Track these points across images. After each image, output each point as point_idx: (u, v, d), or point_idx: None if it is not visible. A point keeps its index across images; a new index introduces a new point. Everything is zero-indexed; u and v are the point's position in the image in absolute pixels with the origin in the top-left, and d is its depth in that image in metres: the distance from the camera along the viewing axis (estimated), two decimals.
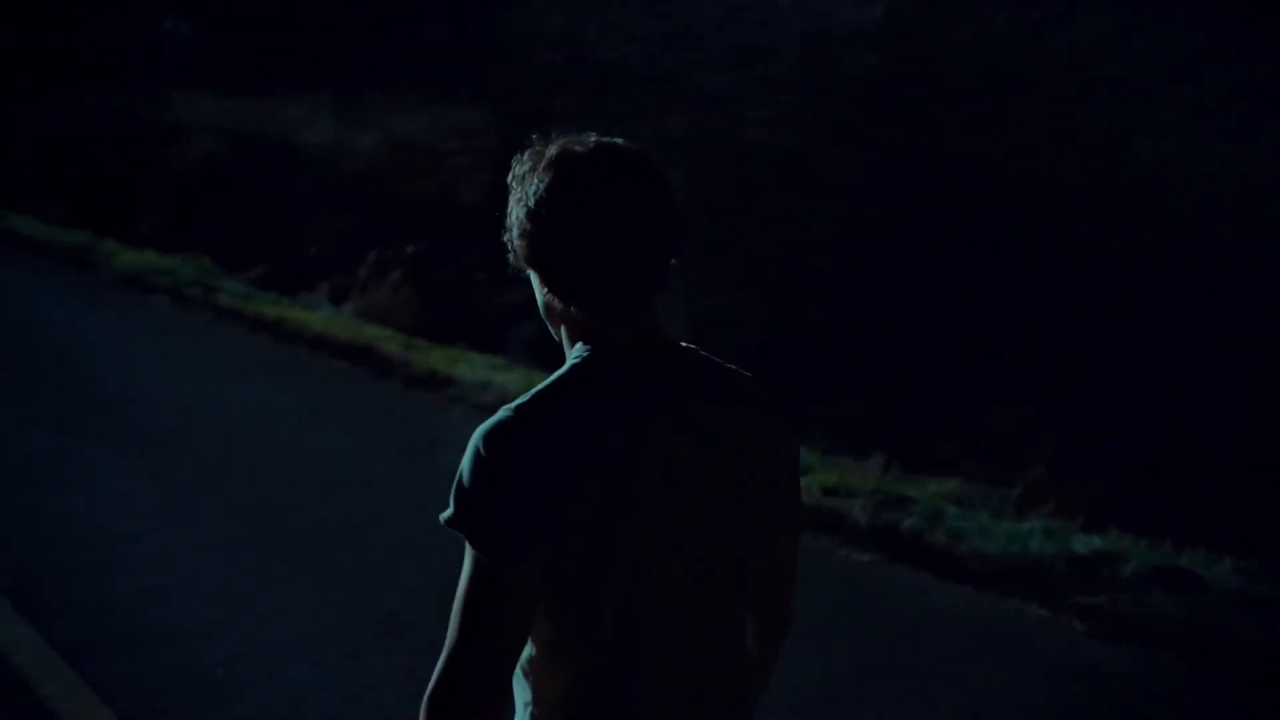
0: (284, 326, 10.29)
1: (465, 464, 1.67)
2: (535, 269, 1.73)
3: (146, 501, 6.17)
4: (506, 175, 1.79)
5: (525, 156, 1.76)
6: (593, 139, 1.73)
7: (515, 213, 1.73)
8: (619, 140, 1.75)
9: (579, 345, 1.74)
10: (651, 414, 1.70)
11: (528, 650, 1.72)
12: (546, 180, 1.69)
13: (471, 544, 1.64)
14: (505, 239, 1.76)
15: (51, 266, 13.60)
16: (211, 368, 9.20)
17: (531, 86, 16.74)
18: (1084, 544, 5.85)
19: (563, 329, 1.77)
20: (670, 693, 1.73)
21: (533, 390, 1.71)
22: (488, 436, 1.66)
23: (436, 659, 1.65)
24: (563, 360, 1.77)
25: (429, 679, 1.64)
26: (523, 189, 1.72)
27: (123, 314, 11.28)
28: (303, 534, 5.79)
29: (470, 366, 9.17)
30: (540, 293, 1.76)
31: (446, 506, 1.67)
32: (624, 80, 13.62)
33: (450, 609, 1.65)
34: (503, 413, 1.68)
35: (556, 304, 1.73)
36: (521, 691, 1.76)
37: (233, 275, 16.05)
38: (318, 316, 11.14)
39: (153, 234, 18.82)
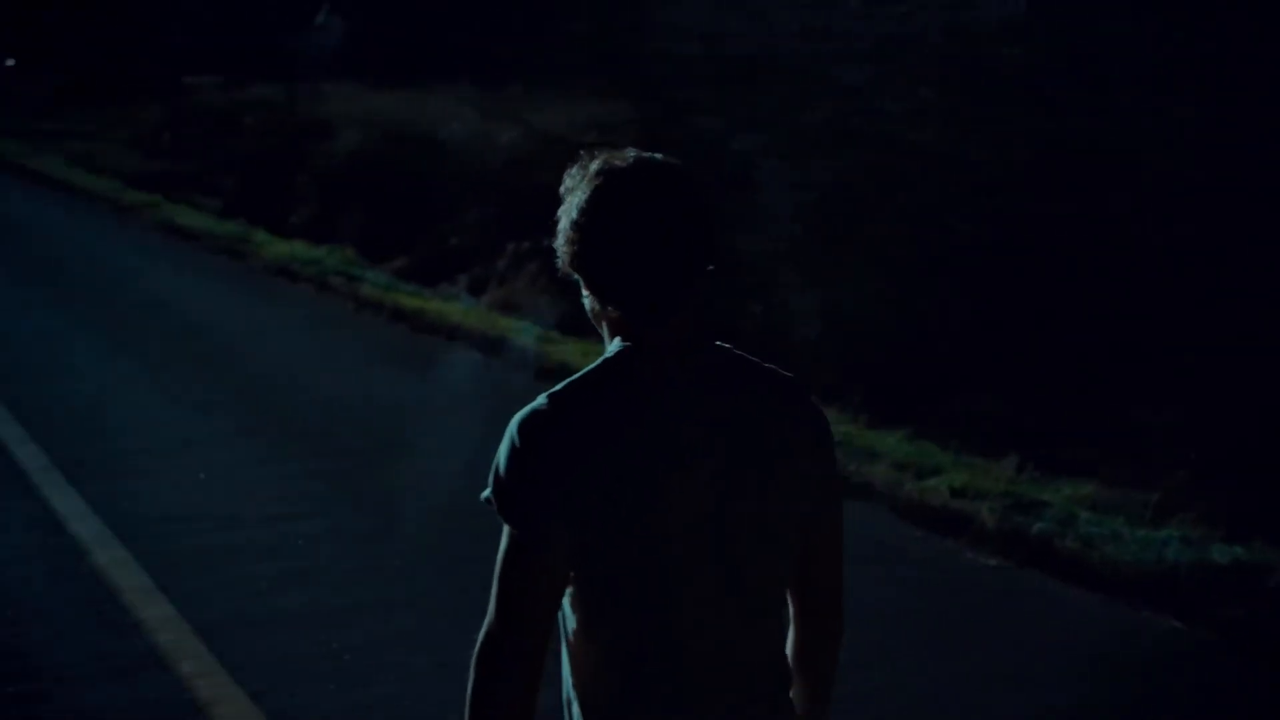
0: (423, 317, 10.51)
1: (501, 449, 1.82)
2: (579, 274, 1.85)
3: (288, 487, 6.36)
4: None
5: (575, 170, 1.87)
6: (633, 154, 1.85)
7: (562, 222, 1.85)
8: (658, 156, 1.88)
9: (615, 341, 1.85)
10: (676, 407, 1.80)
11: (571, 622, 1.84)
12: (589, 193, 1.81)
13: (505, 521, 1.80)
14: (554, 245, 1.88)
15: (206, 256, 14.08)
16: (352, 357, 9.44)
17: (671, 79, 16.78)
18: (1225, 554, 5.66)
19: (604, 326, 1.89)
20: (694, 674, 1.81)
21: (568, 380, 1.84)
22: (522, 425, 1.81)
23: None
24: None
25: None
26: (570, 201, 1.84)
27: (270, 303, 11.63)
28: (435, 522, 5.91)
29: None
30: (584, 294, 1.88)
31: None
32: (763, 72, 13.56)
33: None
34: (538, 401, 1.81)
35: (597, 305, 1.86)
36: (566, 660, 1.88)
37: (376, 266, 16.44)
38: (455, 308, 11.34)
39: (302, 225, 19.36)
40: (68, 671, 4.46)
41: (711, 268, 1.83)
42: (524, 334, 10.08)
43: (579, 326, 12.08)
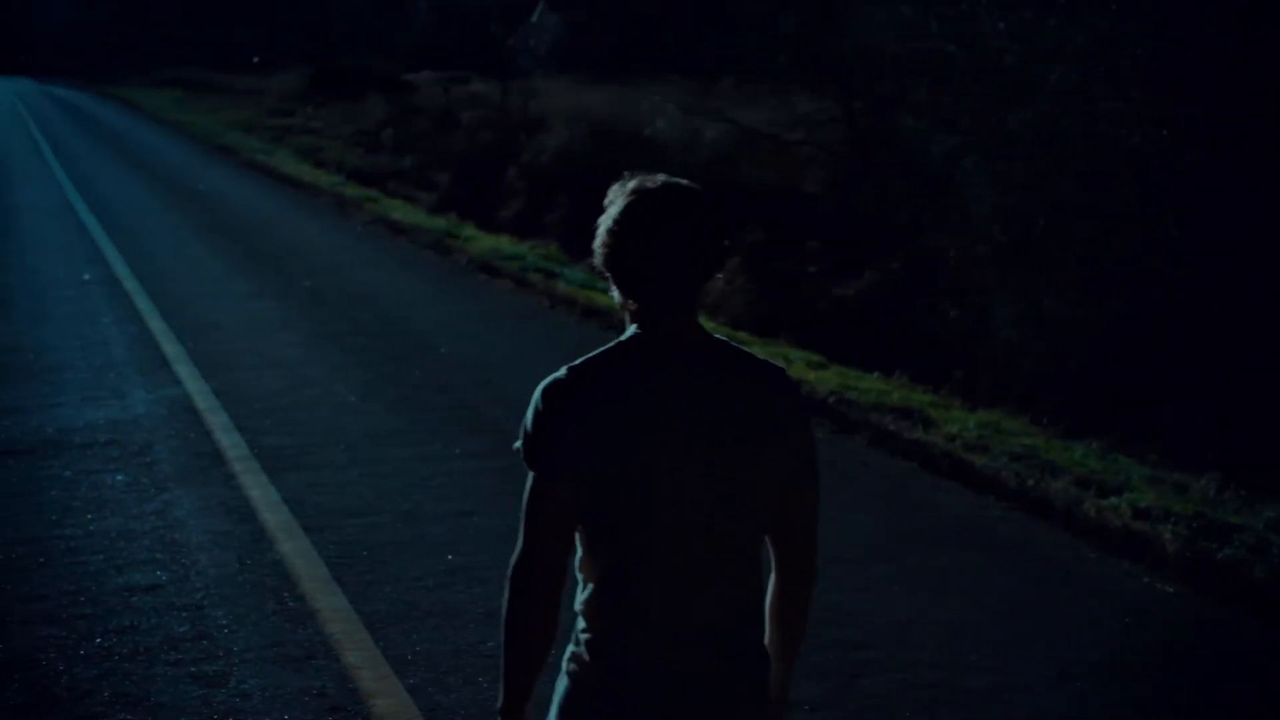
0: (612, 315, 10.65)
1: (530, 409, 2.26)
2: (609, 271, 2.25)
3: (468, 484, 6.58)
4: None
5: (617, 185, 2.27)
6: (661, 179, 2.25)
7: (600, 228, 2.25)
8: (683, 181, 2.26)
9: (633, 328, 2.27)
10: (674, 387, 2.21)
11: (579, 551, 2.28)
12: (622, 208, 2.22)
13: (527, 465, 2.27)
14: (593, 247, 2.27)
15: (414, 250, 14.57)
16: (541, 354, 9.65)
17: (879, 78, 16.55)
18: None
19: (626, 315, 2.29)
20: (669, 608, 2.22)
21: (587, 356, 2.26)
22: (545, 391, 2.25)
23: None
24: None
25: None
26: (609, 211, 2.24)
27: (470, 298, 11.98)
28: None
29: (785, 364, 9.22)
30: (612, 288, 2.27)
31: None
32: (970, 72, 13.26)
33: None
34: (560, 372, 2.25)
35: (621, 298, 2.26)
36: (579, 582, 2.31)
37: (577, 262, 16.74)
38: None
39: (510, 220, 19.85)
40: (245, 655, 4.73)
41: (720, 275, 2.21)
42: None
43: (767, 326, 12.07)
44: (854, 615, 5.13)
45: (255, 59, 44.30)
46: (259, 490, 6.41)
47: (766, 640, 2.37)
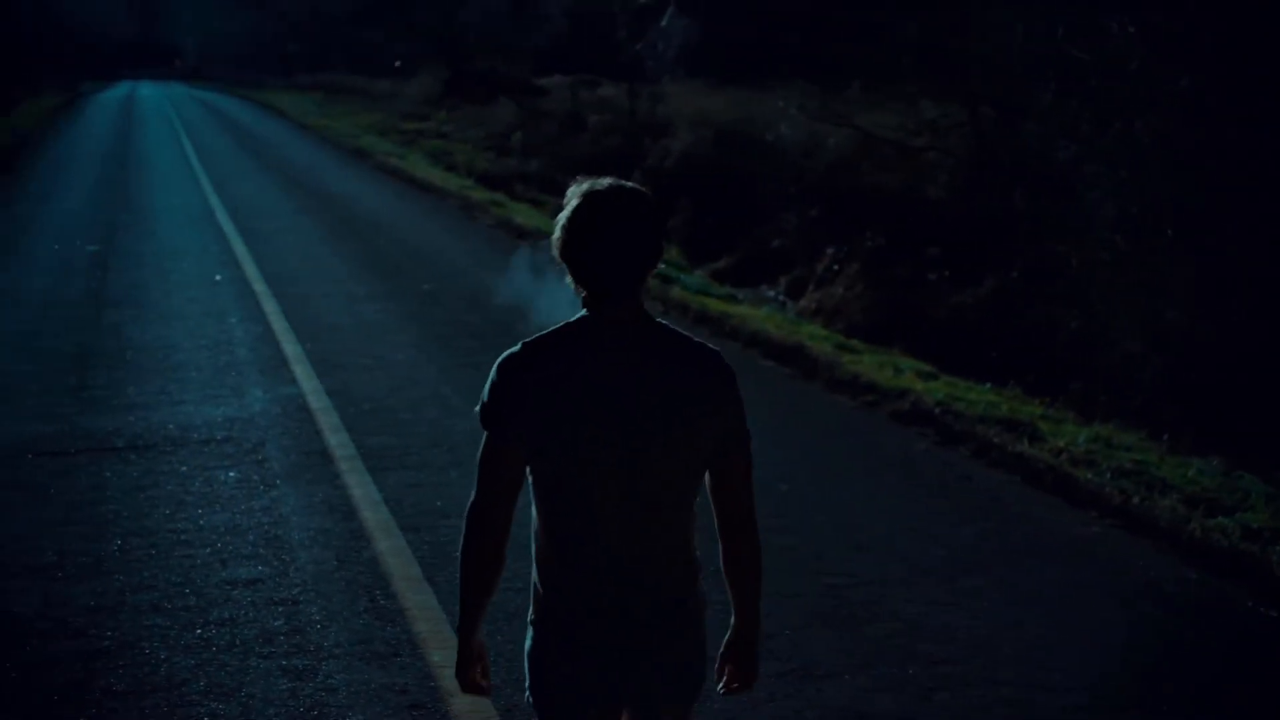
0: (724, 323, 10.69)
1: (489, 378, 2.63)
2: (564, 262, 2.59)
3: None
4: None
5: (574, 186, 2.60)
6: (608, 182, 2.58)
7: (558, 222, 2.58)
8: (628, 183, 2.60)
9: (583, 311, 2.60)
10: (615, 363, 2.55)
11: (534, 504, 2.65)
12: (575, 206, 2.56)
13: (482, 426, 2.64)
14: (551, 239, 2.61)
15: (533, 255, 14.74)
16: None
17: (1005, 83, 16.28)
18: None
19: (580, 300, 2.61)
20: (608, 551, 2.59)
21: (541, 333, 2.59)
22: (500, 364, 2.63)
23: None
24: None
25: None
26: (566, 208, 2.58)
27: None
28: (701, 526, 6.07)
29: (894, 374, 9.15)
30: (566, 277, 2.60)
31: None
32: (1095, 79, 12.98)
33: None
34: (516, 347, 2.61)
35: (574, 284, 2.60)
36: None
37: (699, 266, 16.79)
38: (757, 314, 11.46)
39: None
40: (335, 651, 4.88)
41: (662, 266, 2.47)
42: (821, 344, 10.10)
43: (884, 334, 11.97)
44: (937, 629, 5.09)
45: (397, 63, 45.27)
46: (361, 489, 6.60)
47: (727, 585, 2.78)
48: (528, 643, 2.74)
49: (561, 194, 2.67)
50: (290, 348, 9.69)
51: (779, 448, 7.49)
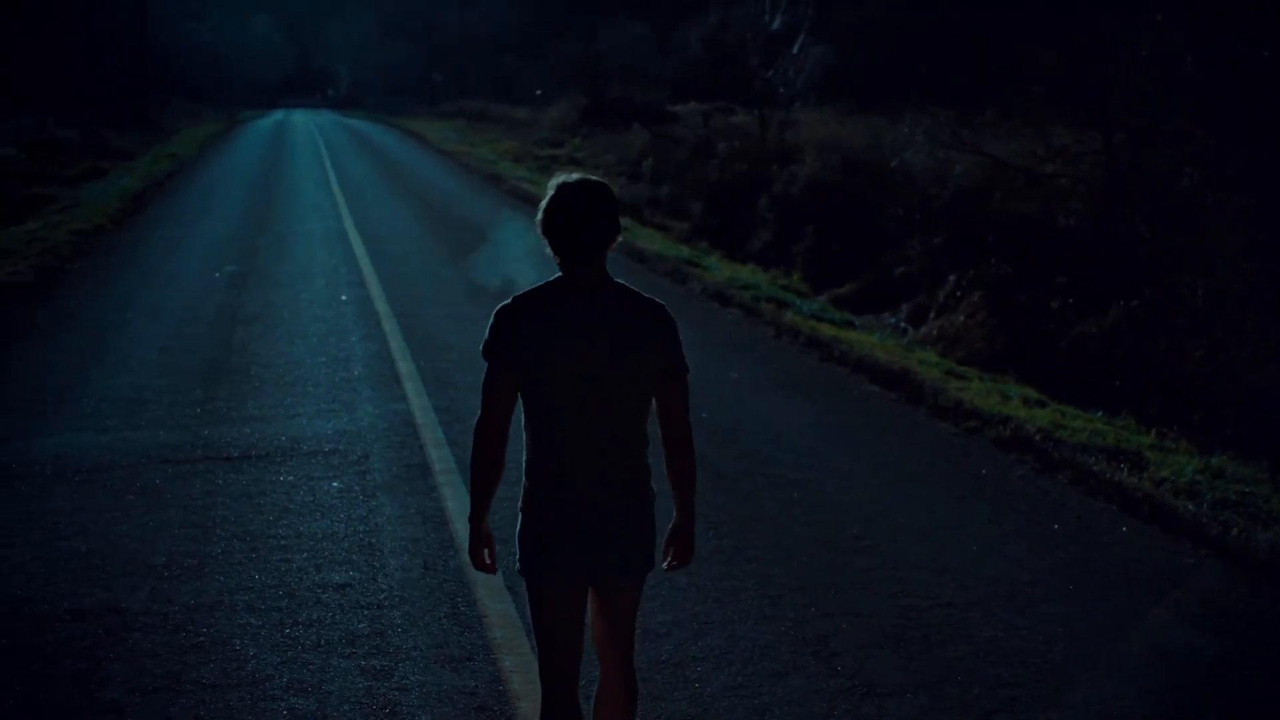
0: (834, 347, 10.69)
1: (489, 323, 3.45)
2: (544, 237, 3.41)
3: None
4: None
5: (553, 180, 3.43)
6: (577, 176, 3.43)
7: (541, 206, 3.41)
8: (592, 176, 3.44)
9: (559, 274, 3.43)
10: (583, 311, 3.38)
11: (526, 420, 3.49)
12: (550, 194, 3.42)
13: (484, 358, 3.46)
14: (536, 220, 3.44)
15: (651, 279, 14.91)
16: (752, 380, 9.79)
17: (1140, 110, 15.96)
18: None
19: (557, 266, 3.42)
20: (579, 454, 3.41)
21: (527, 289, 3.45)
22: (497, 312, 3.46)
23: None
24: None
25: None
26: (546, 195, 3.42)
27: (693, 326, 12.17)
28: (772, 551, 6.12)
29: (1001, 400, 9.06)
30: (546, 247, 3.42)
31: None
32: (1227, 104, 12.69)
33: None
34: (509, 299, 3.44)
35: (552, 253, 3.41)
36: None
37: (821, 293, 16.75)
38: (867, 339, 11.42)
39: (758, 250, 20.03)
40: (412, 653, 5.05)
41: (620, 238, 3.43)
42: (929, 369, 10.04)
43: (1002, 362, 11.83)
44: (1010, 653, 5.06)
45: (538, 91, 46.09)
46: (455, 501, 6.79)
47: (671, 488, 3.57)
48: (518, 525, 3.52)
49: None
50: (404, 365, 9.98)
51: (874, 471, 7.49)
